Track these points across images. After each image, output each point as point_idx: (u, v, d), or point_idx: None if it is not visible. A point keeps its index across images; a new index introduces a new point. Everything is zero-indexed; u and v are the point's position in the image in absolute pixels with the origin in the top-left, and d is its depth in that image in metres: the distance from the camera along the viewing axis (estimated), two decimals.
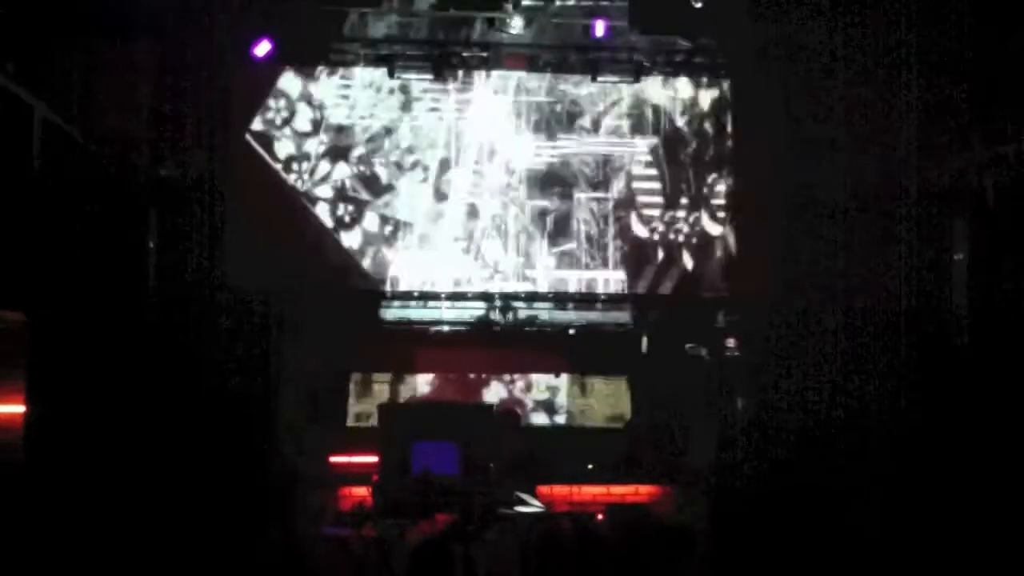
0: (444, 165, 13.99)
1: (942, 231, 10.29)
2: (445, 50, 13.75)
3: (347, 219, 13.63)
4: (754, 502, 10.16)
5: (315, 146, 13.69)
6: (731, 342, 12.99)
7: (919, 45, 10.40)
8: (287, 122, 13.57)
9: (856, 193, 11.45)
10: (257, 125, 13.37)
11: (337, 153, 13.78)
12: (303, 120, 13.67)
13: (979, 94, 9.83)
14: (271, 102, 13.49)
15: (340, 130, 13.77)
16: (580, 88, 14.17)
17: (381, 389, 13.75)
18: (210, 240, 11.03)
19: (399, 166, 13.91)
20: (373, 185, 13.82)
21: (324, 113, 13.73)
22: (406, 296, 13.81)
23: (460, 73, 14.01)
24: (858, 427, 10.26)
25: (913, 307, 10.43)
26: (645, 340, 13.67)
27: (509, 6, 13.26)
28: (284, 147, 13.58)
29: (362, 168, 13.80)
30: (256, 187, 12.97)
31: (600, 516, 10.56)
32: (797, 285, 12.38)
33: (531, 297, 13.92)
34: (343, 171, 13.79)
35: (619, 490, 12.42)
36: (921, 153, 10.43)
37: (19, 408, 9.09)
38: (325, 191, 13.67)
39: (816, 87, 11.96)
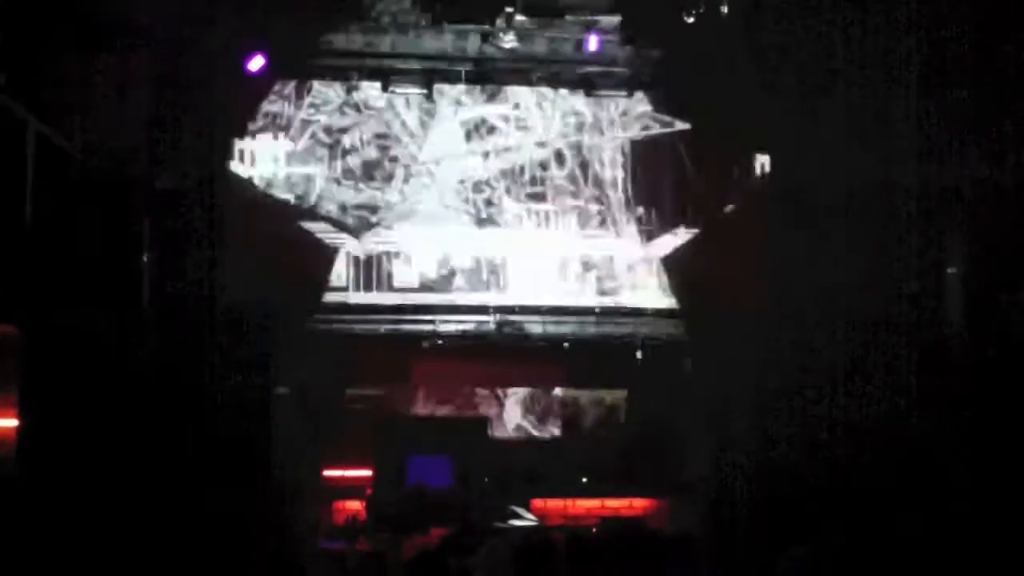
0: (438, 173, 14.00)
1: (937, 243, 10.30)
2: (439, 65, 13.75)
3: (346, 230, 13.60)
4: (750, 514, 10.17)
5: (313, 157, 13.67)
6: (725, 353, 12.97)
7: (918, 52, 10.43)
8: (284, 133, 13.54)
9: (851, 202, 11.47)
10: (254, 136, 13.32)
11: (334, 163, 13.77)
12: (301, 131, 13.65)
13: (977, 105, 9.86)
14: (267, 113, 13.44)
15: (338, 140, 13.77)
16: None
17: (377, 403, 13.72)
18: (206, 252, 10.99)
19: (397, 176, 13.91)
20: (371, 195, 13.82)
21: (321, 123, 13.73)
22: (402, 309, 13.78)
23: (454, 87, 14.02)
24: (855, 438, 10.26)
25: (909, 318, 10.43)
26: (640, 353, 13.68)
27: (503, 21, 13.28)
28: (281, 157, 13.53)
29: (359, 178, 13.80)
30: (252, 199, 12.93)
31: (594, 530, 10.54)
32: (792, 295, 12.39)
33: (527, 310, 13.89)
34: (341, 181, 13.78)
35: (614, 503, 12.42)
36: (917, 164, 10.46)
37: (12, 422, 9.08)
38: (323, 201, 13.64)
39: (813, 92, 11.99)
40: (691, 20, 12.63)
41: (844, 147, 11.05)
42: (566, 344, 14.00)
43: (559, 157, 14.25)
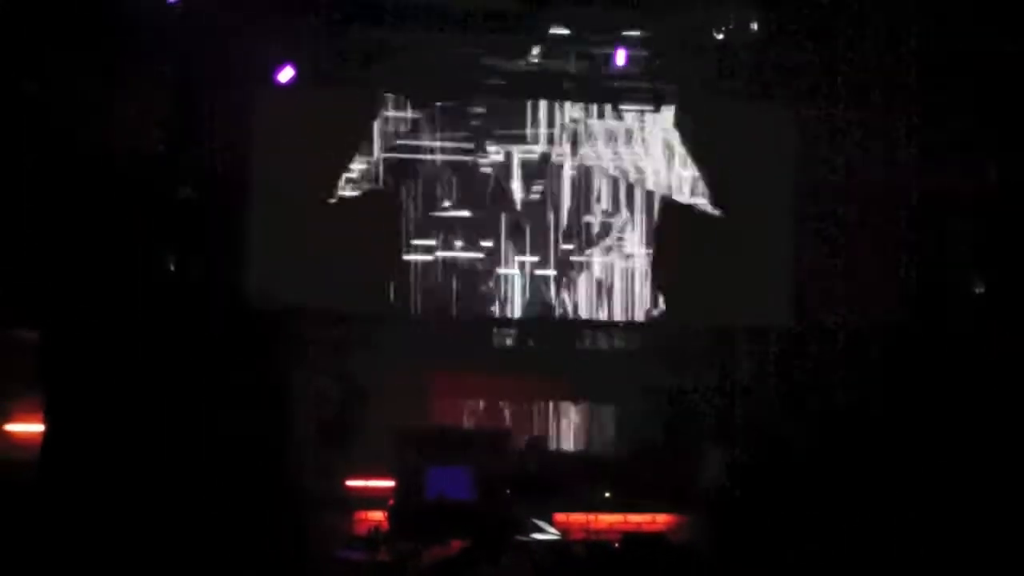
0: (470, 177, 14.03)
1: (947, 239, 10.28)
2: (466, 78, 13.79)
3: (371, 237, 13.63)
4: (767, 528, 10.10)
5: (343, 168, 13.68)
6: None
7: (924, 49, 10.42)
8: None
9: (859, 203, 11.45)
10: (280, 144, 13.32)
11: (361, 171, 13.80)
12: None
13: (985, 100, 9.84)
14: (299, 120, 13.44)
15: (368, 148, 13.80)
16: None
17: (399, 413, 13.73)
18: (228, 259, 11.05)
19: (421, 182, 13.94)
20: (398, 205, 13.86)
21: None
22: (423, 320, 13.82)
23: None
24: (869, 445, 10.19)
25: (920, 318, 10.39)
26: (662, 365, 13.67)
27: (530, 36, 13.33)
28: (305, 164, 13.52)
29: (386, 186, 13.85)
30: (276, 205, 12.95)
31: (617, 545, 10.49)
32: (810, 307, 12.36)
33: (548, 323, 13.92)
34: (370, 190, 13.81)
35: (636, 518, 12.35)
36: (926, 160, 10.43)
37: (37, 426, 9.15)
38: (350, 214, 13.65)
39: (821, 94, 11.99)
40: (720, 37, 12.65)
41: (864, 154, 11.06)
42: (589, 356, 14.03)
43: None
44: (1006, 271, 9.54)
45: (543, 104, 14.05)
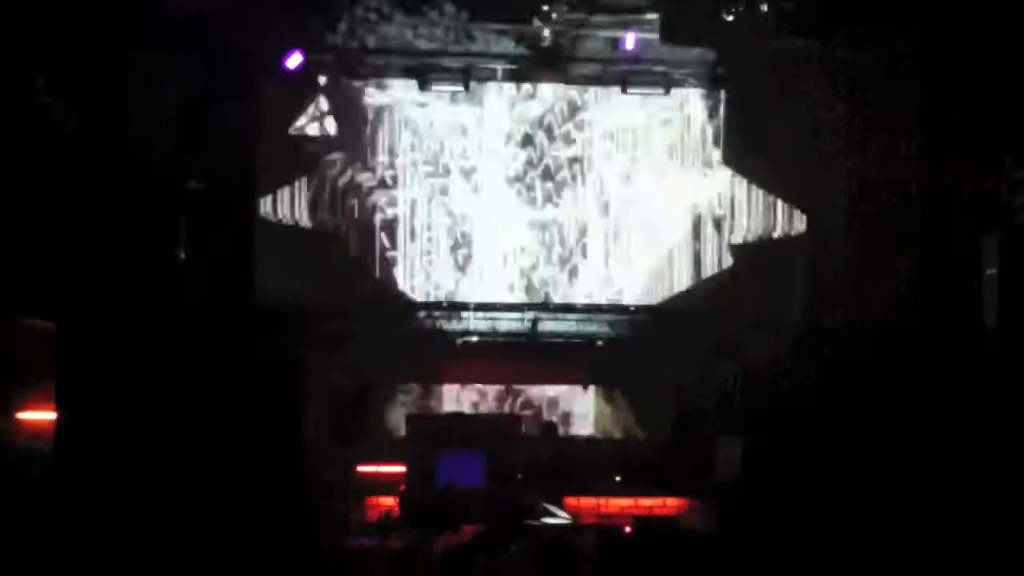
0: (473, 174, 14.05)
1: (973, 247, 10.24)
2: (476, 62, 13.78)
3: (380, 231, 13.68)
4: (778, 517, 10.14)
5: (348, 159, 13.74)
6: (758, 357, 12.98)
7: (951, 59, 10.38)
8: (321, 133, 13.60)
9: (882, 208, 11.42)
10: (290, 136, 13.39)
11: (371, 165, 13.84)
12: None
13: (1011, 107, 9.80)
14: (305, 112, 13.51)
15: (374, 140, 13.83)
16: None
17: (410, 400, 13.81)
18: (239, 252, 11.09)
19: (427, 174, 13.97)
20: (404, 195, 13.89)
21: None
22: (434, 307, 13.86)
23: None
24: (882, 445, 10.20)
25: (941, 324, 10.36)
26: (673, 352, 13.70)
27: (540, 19, 13.30)
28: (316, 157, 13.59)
29: (393, 177, 13.87)
30: (287, 199, 13.02)
31: (627, 528, 10.52)
32: (821, 302, 12.36)
33: (559, 308, 13.96)
34: (376, 182, 13.85)
35: (647, 502, 12.39)
36: (951, 167, 10.40)
37: (50, 415, 9.21)
38: (359, 204, 13.71)
39: (842, 99, 11.94)
40: (730, 19, 12.60)
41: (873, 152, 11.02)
42: (599, 342, 14.06)
43: None
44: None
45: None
